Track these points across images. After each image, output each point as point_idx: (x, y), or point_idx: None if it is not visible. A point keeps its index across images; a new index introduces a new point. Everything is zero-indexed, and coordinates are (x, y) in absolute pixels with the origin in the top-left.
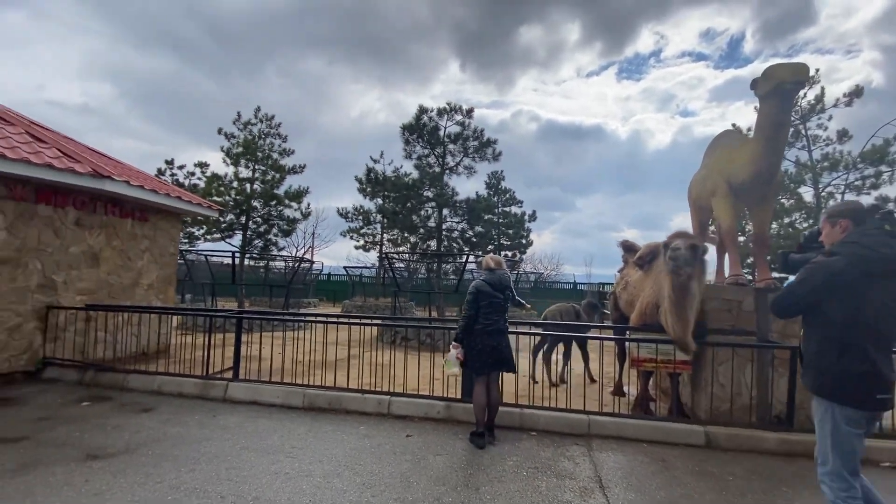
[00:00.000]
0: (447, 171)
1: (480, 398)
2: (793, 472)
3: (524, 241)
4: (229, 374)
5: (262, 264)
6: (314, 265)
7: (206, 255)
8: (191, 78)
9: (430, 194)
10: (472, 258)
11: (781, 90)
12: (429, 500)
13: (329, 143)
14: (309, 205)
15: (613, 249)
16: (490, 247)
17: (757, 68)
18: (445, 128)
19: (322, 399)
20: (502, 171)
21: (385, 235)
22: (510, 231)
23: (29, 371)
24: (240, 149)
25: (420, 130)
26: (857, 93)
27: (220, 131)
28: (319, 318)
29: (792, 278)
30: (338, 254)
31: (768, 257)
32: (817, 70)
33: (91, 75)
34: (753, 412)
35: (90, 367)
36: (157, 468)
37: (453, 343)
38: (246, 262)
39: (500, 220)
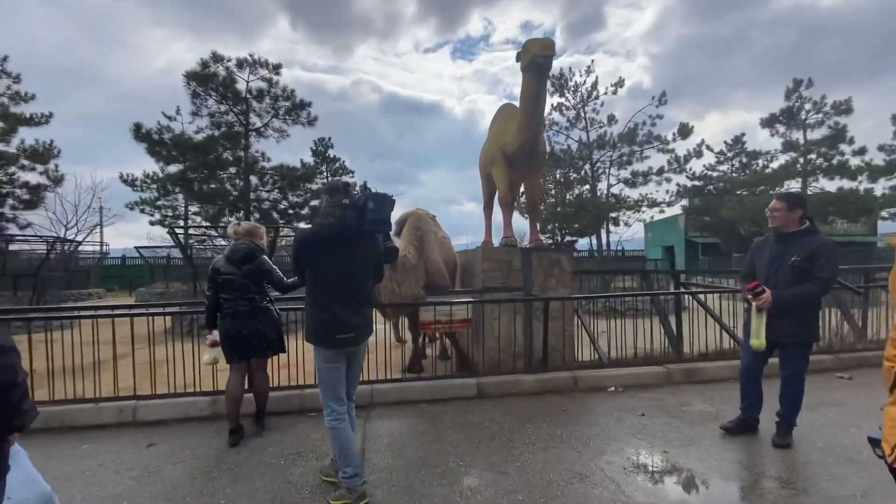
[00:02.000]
0: (252, 133)
1: (232, 389)
2: (540, 408)
3: None
4: None
5: None
6: (97, 248)
7: None
8: None
9: (231, 157)
10: (286, 231)
11: (535, 63)
12: None
13: (123, 97)
14: (58, 167)
15: (455, 222)
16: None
17: (563, 61)
18: (248, 82)
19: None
20: (330, 138)
21: (190, 208)
22: None
23: None
24: None
25: (211, 81)
26: (619, 84)
27: None
28: (53, 315)
29: None
30: (138, 233)
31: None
32: (592, 61)
33: None
34: (521, 359)
35: None
36: None
37: (207, 329)
38: None
39: None
